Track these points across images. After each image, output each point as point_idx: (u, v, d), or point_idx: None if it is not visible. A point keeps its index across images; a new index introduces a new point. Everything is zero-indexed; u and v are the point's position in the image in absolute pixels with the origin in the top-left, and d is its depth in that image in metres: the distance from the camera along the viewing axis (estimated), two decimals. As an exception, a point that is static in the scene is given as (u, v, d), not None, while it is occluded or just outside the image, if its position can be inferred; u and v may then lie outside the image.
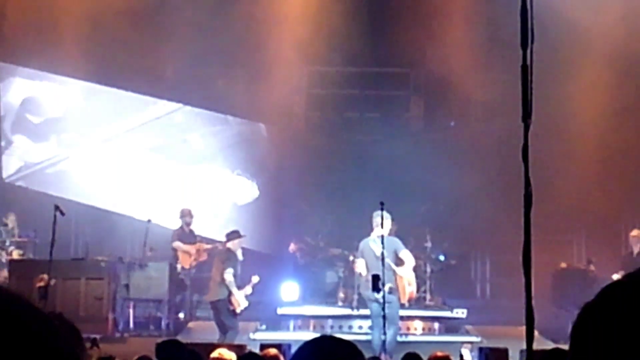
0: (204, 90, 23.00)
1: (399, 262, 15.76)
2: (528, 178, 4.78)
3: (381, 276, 14.43)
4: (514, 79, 5.15)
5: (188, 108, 23.32)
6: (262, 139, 23.42)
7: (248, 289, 16.78)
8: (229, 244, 16.96)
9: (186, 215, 19.30)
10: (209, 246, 19.28)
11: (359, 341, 14.81)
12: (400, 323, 17.27)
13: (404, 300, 16.09)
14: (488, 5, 20.87)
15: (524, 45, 4.86)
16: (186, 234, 19.01)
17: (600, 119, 19.79)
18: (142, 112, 23.29)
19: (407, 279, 15.76)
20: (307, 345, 3.33)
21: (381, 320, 15.23)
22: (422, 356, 9.38)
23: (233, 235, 17.13)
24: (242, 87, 23.36)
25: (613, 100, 19.94)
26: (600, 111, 19.81)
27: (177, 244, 18.90)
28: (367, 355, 8.10)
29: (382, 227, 14.93)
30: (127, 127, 23.23)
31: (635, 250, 18.53)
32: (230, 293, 16.44)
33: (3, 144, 23.39)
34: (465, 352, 12.91)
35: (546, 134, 18.33)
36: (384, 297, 14.47)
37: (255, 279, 16.98)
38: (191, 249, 19.00)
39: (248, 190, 23.19)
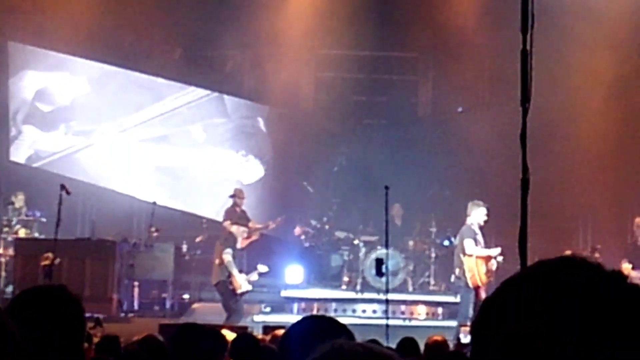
0: (212, 73, 22.99)
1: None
2: (525, 164, 4.76)
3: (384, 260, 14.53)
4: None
5: (192, 94, 23.22)
6: (268, 121, 23.37)
7: (254, 276, 16.79)
8: (233, 228, 17.02)
9: (237, 195, 19.14)
10: (260, 226, 19.19)
11: (364, 325, 14.90)
12: (404, 307, 17.27)
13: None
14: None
15: (524, 30, 4.85)
16: (237, 214, 18.79)
17: (606, 104, 19.65)
18: (148, 98, 23.21)
19: (466, 266, 15.70)
20: (297, 324, 3.38)
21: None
22: (422, 341, 9.39)
23: (239, 221, 17.29)
24: (250, 69, 23.36)
25: (618, 83, 19.76)
26: (606, 96, 19.66)
27: (227, 223, 18.72)
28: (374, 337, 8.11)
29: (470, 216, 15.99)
30: (133, 113, 23.17)
31: (640, 239, 18.42)
32: (229, 274, 16.45)
33: (13, 133, 23.34)
34: (463, 336, 12.94)
35: (551, 118, 18.29)
36: (387, 281, 14.55)
37: (262, 268, 17.01)
38: (238, 228, 18.74)
39: (254, 169, 23.15)
